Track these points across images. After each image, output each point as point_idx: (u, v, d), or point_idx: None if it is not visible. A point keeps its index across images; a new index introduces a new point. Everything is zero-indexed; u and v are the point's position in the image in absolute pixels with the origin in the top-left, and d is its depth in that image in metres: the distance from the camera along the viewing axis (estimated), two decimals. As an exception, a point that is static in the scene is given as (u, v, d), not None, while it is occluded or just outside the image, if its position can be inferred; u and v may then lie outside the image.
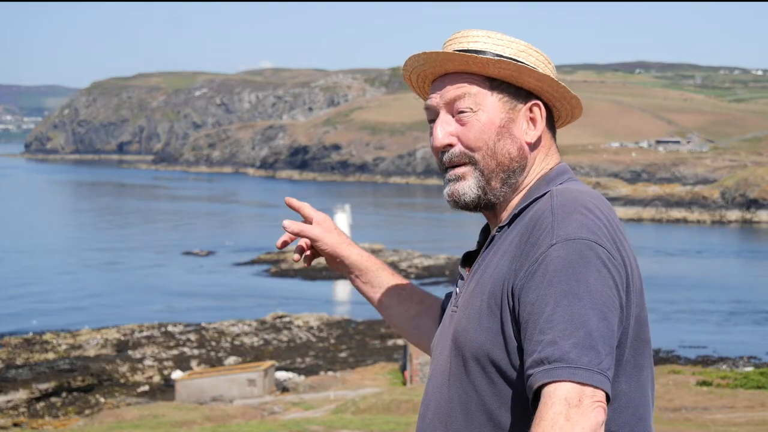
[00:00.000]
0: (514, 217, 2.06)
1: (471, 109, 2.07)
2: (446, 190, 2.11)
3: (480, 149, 2.07)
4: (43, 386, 36.21)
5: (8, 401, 34.69)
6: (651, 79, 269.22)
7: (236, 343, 44.07)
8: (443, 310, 2.45)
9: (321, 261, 2.76)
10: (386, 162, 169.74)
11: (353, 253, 2.49)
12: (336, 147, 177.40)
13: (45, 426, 29.37)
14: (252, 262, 71.61)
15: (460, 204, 2.11)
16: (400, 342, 41.02)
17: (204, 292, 58.38)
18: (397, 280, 2.52)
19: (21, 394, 35.42)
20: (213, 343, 43.95)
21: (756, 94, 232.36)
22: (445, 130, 2.09)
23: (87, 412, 32.96)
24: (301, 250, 2.48)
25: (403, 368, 35.90)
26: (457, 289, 2.19)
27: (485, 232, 2.22)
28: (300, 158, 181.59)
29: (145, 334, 45.39)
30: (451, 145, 2.10)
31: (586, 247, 1.86)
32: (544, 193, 2.04)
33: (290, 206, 2.56)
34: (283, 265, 69.16)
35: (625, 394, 1.94)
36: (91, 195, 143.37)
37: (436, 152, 2.13)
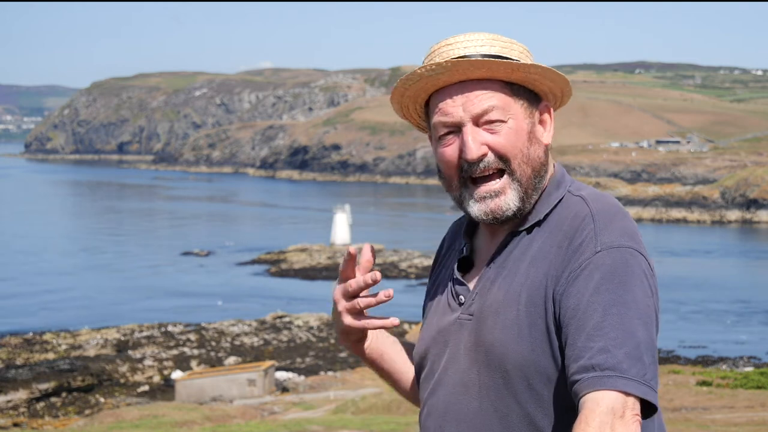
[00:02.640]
0: (537, 223, 2.02)
1: (501, 120, 2.00)
2: (482, 208, 2.02)
3: (515, 157, 2.00)
4: (43, 386, 36.21)
5: (8, 401, 34.69)
6: (651, 79, 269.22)
7: (236, 343, 44.07)
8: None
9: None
10: (386, 162, 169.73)
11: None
12: (336, 147, 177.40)
13: (45, 426, 29.37)
14: (252, 262, 71.61)
15: (501, 219, 2.02)
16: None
17: (204, 292, 58.37)
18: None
19: (21, 394, 35.43)
20: (213, 343, 43.95)
21: (756, 94, 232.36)
22: (477, 141, 2.00)
23: (87, 412, 32.96)
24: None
25: (403, 368, 35.88)
26: (461, 296, 2.11)
27: (469, 235, 2.16)
28: (300, 158, 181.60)
29: (145, 334, 45.39)
30: (484, 155, 2.01)
31: (631, 256, 1.86)
32: (563, 197, 2.03)
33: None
34: (283, 265, 69.16)
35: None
36: (91, 195, 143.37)
37: (456, 165, 2.02)
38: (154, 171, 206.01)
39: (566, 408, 1.90)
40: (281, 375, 36.78)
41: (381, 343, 2.47)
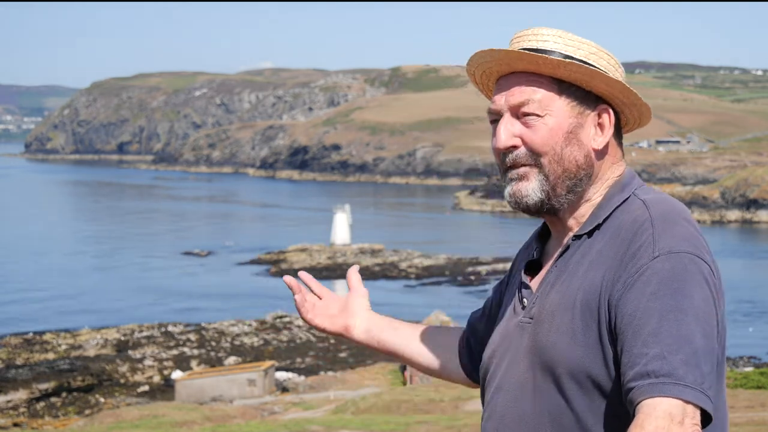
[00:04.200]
0: (597, 227, 1.99)
1: (537, 114, 1.99)
2: (507, 190, 2.03)
3: (546, 154, 1.99)
4: (43, 386, 36.21)
5: (8, 401, 34.69)
6: (651, 79, 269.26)
7: (236, 343, 44.07)
8: (474, 332, 2.35)
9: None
10: (386, 162, 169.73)
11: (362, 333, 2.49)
12: (336, 147, 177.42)
13: (45, 426, 29.37)
14: (252, 262, 71.61)
15: (521, 206, 2.03)
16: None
17: (204, 292, 58.37)
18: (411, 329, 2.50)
19: (21, 394, 35.43)
20: (213, 343, 43.95)
21: (756, 94, 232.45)
22: (509, 131, 2.00)
23: (87, 412, 32.96)
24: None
25: (403, 368, 35.90)
26: (525, 299, 2.08)
27: (541, 238, 2.16)
28: (300, 158, 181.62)
29: (145, 334, 45.39)
30: (515, 147, 2.01)
31: (690, 261, 1.83)
32: (624, 201, 1.99)
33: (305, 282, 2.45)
34: (283, 265, 69.16)
35: (716, 410, 1.90)
36: (91, 195, 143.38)
37: (497, 154, 2.04)
38: (154, 171, 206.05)
39: (617, 416, 1.88)
40: (281, 375, 36.78)
41: (377, 331, 2.47)
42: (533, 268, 2.13)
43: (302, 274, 2.43)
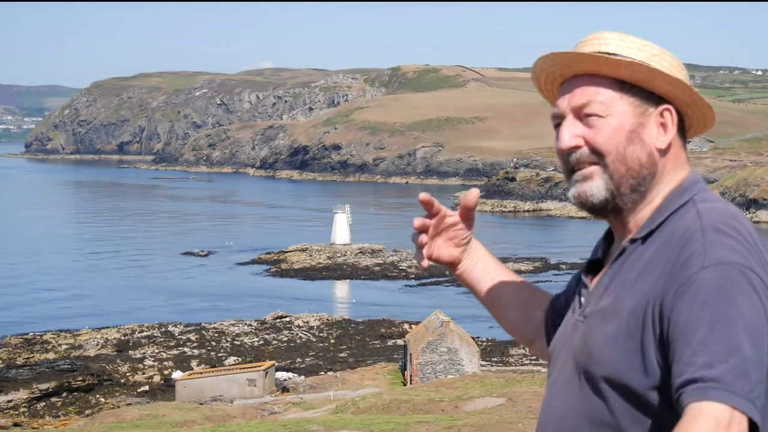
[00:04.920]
0: (651, 232, 2.00)
1: (599, 114, 2.01)
2: (572, 191, 2.04)
3: (609, 153, 2.00)
4: (44, 386, 36.22)
5: (8, 401, 34.70)
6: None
7: (236, 343, 44.07)
8: (554, 310, 2.34)
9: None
10: (386, 162, 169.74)
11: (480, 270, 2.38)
12: (336, 147, 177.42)
13: (45, 426, 29.37)
14: (252, 262, 71.60)
15: (587, 205, 2.04)
16: (400, 342, 41.04)
17: (204, 292, 58.38)
18: (508, 274, 2.43)
19: (21, 394, 35.43)
20: (213, 343, 43.95)
21: (756, 94, 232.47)
22: (571, 132, 2.02)
23: (87, 412, 32.97)
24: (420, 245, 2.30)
25: (403, 368, 35.92)
26: (582, 298, 2.10)
27: (608, 239, 2.16)
28: (300, 158, 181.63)
29: (145, 334, 45.39)
30: (577, 147, 2.02)
31: (739, 273, 1.82)
32: (682, 206, 1.99)
33: (424, 203, 2.30)
34: (283, 265, 69.15)
35: (765, 421, 1.88)
36: (91, 195, 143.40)
37: (560, 155, 2.06)
38: (154, 171, 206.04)
39: (657, 425, 1.89)
40: (281, 375, 36.79)
41: (477, 274, 2.38)
42: (596, 268, 2.13)
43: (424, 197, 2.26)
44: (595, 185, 2.01)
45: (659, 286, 1.88)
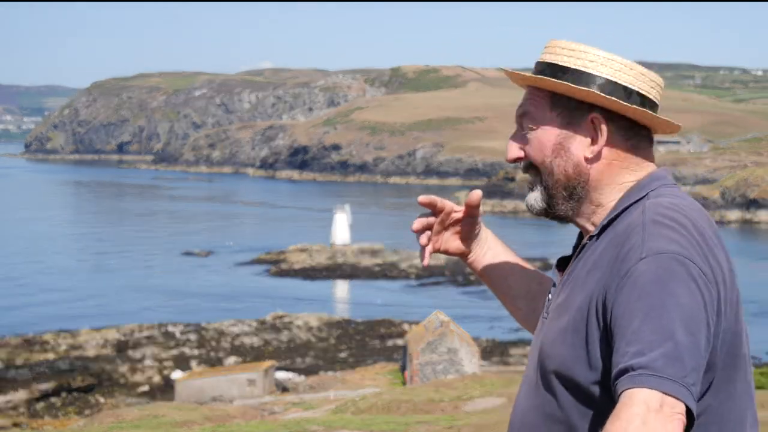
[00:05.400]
0: (603, 228, 2.03)
1: (531, 127, 2.07)
2: (525, 199, 2.15)
3: (540, 165, 2.07)
4: (43, 386, 36.23)
5: (8, 401, 34.70)
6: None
7: (236, 343, 44.08)
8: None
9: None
10: (386, 162, 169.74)
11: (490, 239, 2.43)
12: (336, 147, 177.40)
13: (45, 426, 29.38)
14: (252, 262, 71.60)
15: (534, 213, 2.13)
16: (400, 342, 41.04)
17: (204, 292, 58.37)
18: (520, 261, 2.48)
19: (21, 394, 35.44)
20: (213, 343, 43.96)
21: (756, 94, 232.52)
22: (514, 143, 2.11)
23: (87, 412, 32.98)
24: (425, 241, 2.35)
25: (403, 368, 35.91)
26: (550, 295, 2.16)
27: (580, 237, 2.20)
28: (300, 158, 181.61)
29: (145, 334, 45.40)
30: (520, 159, 2.11)
31: (677, 262, 1.84)
32: (635, 203, 2.01)
33: (424, 204, 2.35)
34: (283, 265, 69.15)
35: (713, 409, 1.91)
36: (91, 195, 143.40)
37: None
38: (154, 171, 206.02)
39: (602, 419, 1.88)
40: (281, 375, 36.79)
41: (486, 264, 2.44)
42: (566, 265, 2.19)
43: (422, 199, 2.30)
44: (534, 196, 2.10)
45: (603, 281, 1.92)
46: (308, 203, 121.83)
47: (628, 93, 2.02)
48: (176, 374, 37.59)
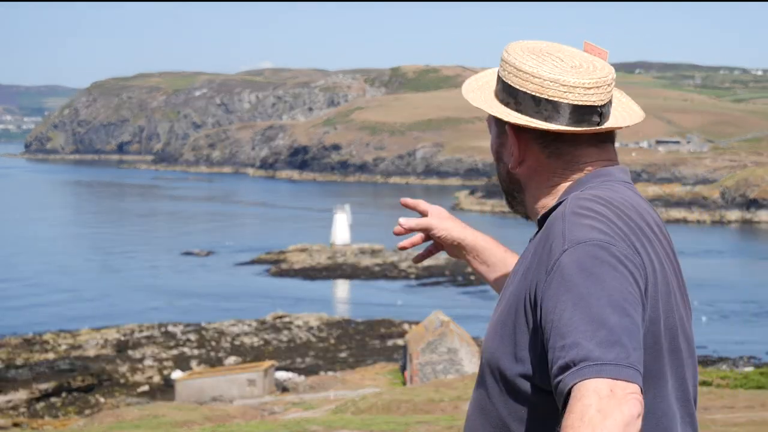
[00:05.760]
0: (540, 226, 2.07)
1: (490, 132, 2.20)
2: None
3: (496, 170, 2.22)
4: (43, 386, 36.22)
5: (8, 401, 34.69)
6: (651, 79, 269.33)
7: (236, 343, 44.07)
8: None
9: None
10: (386, 162, 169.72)
11: (468, 236, 2.56)
12: (336, 147, 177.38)
13: (45, 426, 29.37)
14: (252, 262, 71.60)
15: (514, 212, 2.26)
16: (400, 342, 41.04)
17: (204, 292, 58.37)
18: (511, 256, 2.54)
19: (21, 394, 35.43)
20: (213, 343, 43.96)
21: (756, 94, 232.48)
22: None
23: (87, 412, 32.96)
24: (411, 244, 2.65)
25: (403, 368, 35.91)
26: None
27: None
28: (300, 158, 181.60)
29: (145, 334, 45.39)
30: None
31: (599, 248, 1.85)
32: (563, 201, 2.03)
33: (406, 206, 2.69)
34: (283, 265, 69.15)
35: (647, 404, 1.89)
36: (91, 195, 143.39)
37: None
38: (154, 171, 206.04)
39: (531, 412, 1.91)
40: (281, 375, 36.78)
41: (471, 256, 2.59)
42: None
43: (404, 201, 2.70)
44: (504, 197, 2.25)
45: (530, 275, 1.95)
46: (308, 203, 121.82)
47: (536, 101, 2.03)
48: (176, 374, 37.58)
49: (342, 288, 62.72)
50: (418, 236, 2.62)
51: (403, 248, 2.65)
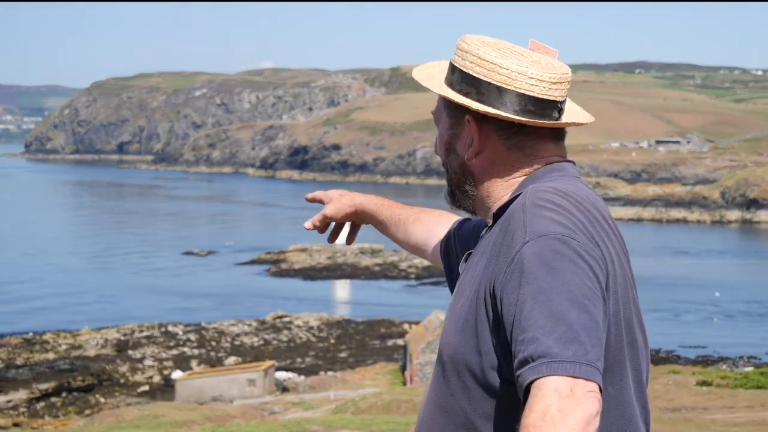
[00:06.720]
0: (495, 219, 2.06)
1: (436, 125, 2.21)
2: None
3: (442, 163, 2.18)
4: (43, 386, 36.21)
5: (8, 401, 34.68)
6: (651, 79, 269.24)
7: (236, 343, 44.07)
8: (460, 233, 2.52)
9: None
10: (386, 162, 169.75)
11: (357, 203, 2.81)
12: (336, 147, 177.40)
13: (45, 426, 29.37)
14: (252, 262, 71.60)
15: (453, 206, 2.25)
16: (400, 342, 41.05)
17: (204, 292, 58.36)
18: (398, 208, 2.70)
19: (21, 394, 35.42)
20: (213, 343, 43.95)
21: (756, 94, 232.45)
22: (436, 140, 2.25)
23: (87, 412, 32.95)
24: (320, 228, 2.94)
25: (403, 368, 35.91)
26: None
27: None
28: (300, 158, 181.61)
29: (145, 334, 45.40)
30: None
31: (559, 242, 1.84)
32: (521, 193, 2.02)
33: (312, 200, 2.96)
34: (283, 265, 69.15)
35: (612, 396, 1.91)
36: (91, 195, 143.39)
37: None
38: (154, 171, 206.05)
39: (501, 412, 1.90)
40: (281, 375, 36.78)
41: (371, 221, 2.85)
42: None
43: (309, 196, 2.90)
44: (446, 190, 2.20)
45: (490, 267, 1.94)
46: (308, 203, 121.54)
47: (501, 92, 2.03)
48: (176, 374, 37.58)
49: (342, 288, 62.70)
50: (345, 224, 2.87)
51: (332, 242, 2.94)
